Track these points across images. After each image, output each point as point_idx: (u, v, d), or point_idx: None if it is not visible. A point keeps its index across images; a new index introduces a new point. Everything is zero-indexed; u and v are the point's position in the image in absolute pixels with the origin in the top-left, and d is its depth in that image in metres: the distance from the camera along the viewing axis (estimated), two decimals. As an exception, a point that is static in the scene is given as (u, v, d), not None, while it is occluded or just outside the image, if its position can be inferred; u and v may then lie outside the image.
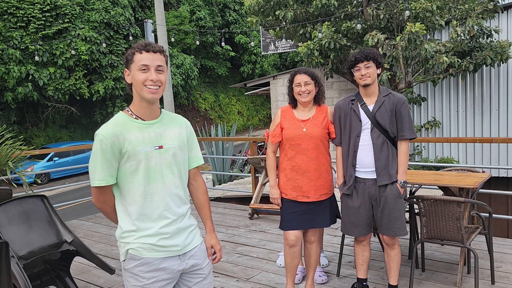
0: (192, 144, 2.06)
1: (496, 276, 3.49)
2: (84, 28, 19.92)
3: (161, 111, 1.95)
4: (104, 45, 12.85)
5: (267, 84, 13.68)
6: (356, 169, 3.02)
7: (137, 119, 1.87)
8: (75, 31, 19.65)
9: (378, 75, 3.03)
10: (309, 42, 9.92)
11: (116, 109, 22.14)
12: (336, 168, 3.20)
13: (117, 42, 21.19)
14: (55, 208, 3.16)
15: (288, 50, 20.17)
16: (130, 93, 1.91)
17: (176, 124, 1.98)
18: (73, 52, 12.70)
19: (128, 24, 21.60)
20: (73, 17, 19.81)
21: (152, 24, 9.61)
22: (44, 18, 18.94)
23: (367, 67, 2.94)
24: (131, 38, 14.20)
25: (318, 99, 3.11)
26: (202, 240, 2.04)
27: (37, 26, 18.67)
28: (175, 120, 2.00)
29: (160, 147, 1.87)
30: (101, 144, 1.78)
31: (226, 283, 3.67)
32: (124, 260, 1.86)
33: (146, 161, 1.83)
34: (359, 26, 8.97)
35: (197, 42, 11.79)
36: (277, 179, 3.18)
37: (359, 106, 3.02)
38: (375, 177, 2.97)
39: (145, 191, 1.84)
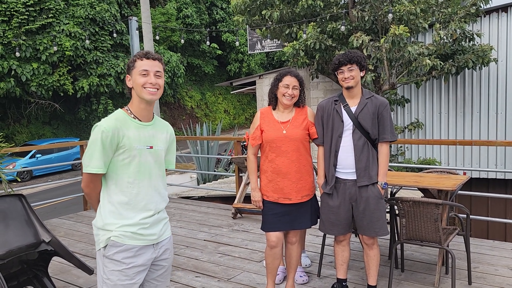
0: (170, 149, 2.28)
1: (473, 276, 3.55)
2: (68, 23, 19.64)
3: (153, 116, 2.18)
4: (87, 41, 12.63)
5: (253, 83, 13.67)
6: (336, 169, 3.05)
7: (135, 118, 2.09)
8: (60, 27, 19.35)
9: (362, 77, 3.08)
10: (294, 42, 9.94)
11: (100, 106, 21.88)
12: (317, 167, 3.23)
13: (102, 39, 20.94)
14: (33, 208, 3.12)
15: (275, 50, 20.18)
16: (129, 96, 2.13)
17: (164, 129, 2.22)
18: (55, 48, 12.48)
19: (114, 20, 21.36)
20: (57, 12, 19.51)
21: (137, 21, 9.52)
22: (28, 13, 18.61)
23: (350, 70, 2.98)
24: (115, 35, 13.97)
25: (298, 102, 3.13)
26: (171, 233, 2.26)
27: (20, 20, 18.34)
28: (164, 126, 2.24)
29: (151, 147, 2.09)
30: (102, 135, 1.96)
31: (207, 283, 3.67)
32: (105, 247, 2.03)
33: (139, 157, 2.04)
34: (343, 28, 9.02)
35: (182, 41, 11.71)
36: (258, 180, 3.19)
37: (342, 107, 3.05)
38: (355, 178, 3.01)
39: (134, 183, 2.04)
